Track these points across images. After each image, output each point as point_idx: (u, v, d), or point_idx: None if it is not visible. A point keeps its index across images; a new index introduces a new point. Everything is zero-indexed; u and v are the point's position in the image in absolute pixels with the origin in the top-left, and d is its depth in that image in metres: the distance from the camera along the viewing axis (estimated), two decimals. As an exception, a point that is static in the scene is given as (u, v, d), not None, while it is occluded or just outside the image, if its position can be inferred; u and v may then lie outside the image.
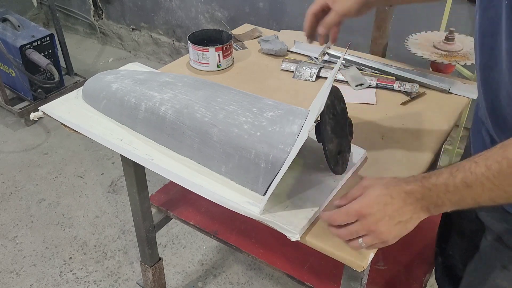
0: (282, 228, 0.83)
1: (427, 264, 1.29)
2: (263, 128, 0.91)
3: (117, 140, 1.05)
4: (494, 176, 0.65)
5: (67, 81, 2.81)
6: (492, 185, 0.66)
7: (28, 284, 1.77)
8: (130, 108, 1.06)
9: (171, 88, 1.05)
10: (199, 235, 1.95)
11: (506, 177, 0.65)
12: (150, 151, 1.02)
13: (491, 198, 0.67)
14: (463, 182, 0.68)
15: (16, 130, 2.64)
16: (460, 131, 1.99)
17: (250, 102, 0.98)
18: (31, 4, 3.58)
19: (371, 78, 1.31)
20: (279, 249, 1.26)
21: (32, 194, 2.19)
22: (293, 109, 0.96)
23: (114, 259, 1.87)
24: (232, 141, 0.92)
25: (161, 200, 1.46)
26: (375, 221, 0.74)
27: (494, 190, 0.66)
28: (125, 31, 3.40)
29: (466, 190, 0.68)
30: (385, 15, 1.42)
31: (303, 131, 0.86)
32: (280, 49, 1.46)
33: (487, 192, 0.67)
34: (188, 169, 0.97)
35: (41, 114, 1.18)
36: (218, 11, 2.83)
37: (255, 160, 0.90)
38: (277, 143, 0.88)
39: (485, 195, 0.67)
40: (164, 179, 1.09)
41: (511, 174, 0.64)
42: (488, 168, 0.66)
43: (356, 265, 0.81)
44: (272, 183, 0.88)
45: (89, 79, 1.20)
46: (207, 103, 0.98)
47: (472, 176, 0.67)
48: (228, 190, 0.92)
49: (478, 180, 0.67)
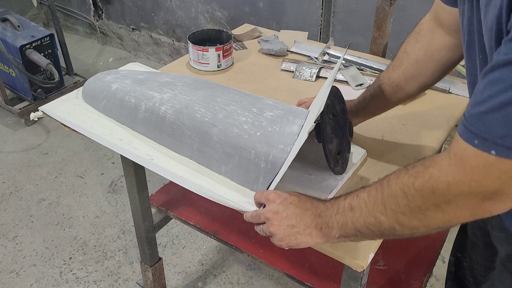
0: None
1: (427, 264, 1.29)
2: (263, 128, 0.91)
3: (117, 140, 1.05)
4: (369, 201, 0.68)
5: (67, 81, 2.81)
6: (367, 210, 0.68)
7: (28, 284, 1.77)
8: (130, 108, 1.06)
9: (171, 88, 1.05)
10: (199, 235, 1.95)
11: (377, 203, 0.67)
12: (150, 151, 1.02)
13: (366, 224, 0.69)
14: (349, 204, 0.71)
15: (16, 130, 2.64)
16: (460, 131, 1.99)
17: (250, 102, 0.98)
18: (31, 4, 3.58)
19: (371, 78, 1.31)
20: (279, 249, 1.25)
21: (32, 194, 2.19)
22: (293, 109, 0.96)
23: (114, 259, 1.87)
24: (232, 141, 0.92)
25: (161, 200, 1.46)
26: (273, 212, 0.77)
27: (367, 215, 0.68)
28: (125, 31, 3.40)
29: (349, 213, 0.70)
30: (385, 15, 1.42)
31: (303, 131, 0.86)
32: (280, 49, 1.46)
33: (363, 217, 0.68)
34: (188, 169, 0.97)
35: (41, 114, 1.17)
36: (218, 11, 2.83)
37: (255, 160, 0.90)
38: (277, 143, 0.88)
39: (361, 220, 0.69)
40: (164, 179, 1.09)
41: (381, 200, 0.66)
42: (368, 193, 0.69)
43: (356, 265, 0.81)
44: (272, 183, 0.88)
45: (89, 79, 1.20)
46: (207, 103, 0.98)
47: (357, 200, 0.70)
48: (228, 190, 0.92)
49: (359, 204, 0.69)
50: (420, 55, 0.92)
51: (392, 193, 0.65)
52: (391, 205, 0.65)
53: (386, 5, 1.40)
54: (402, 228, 0.66)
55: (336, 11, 2.35)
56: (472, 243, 1.05)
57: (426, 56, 0.93)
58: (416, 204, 0.62)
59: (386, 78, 0.99)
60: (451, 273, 1.17)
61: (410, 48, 0.96)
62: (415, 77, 0.94)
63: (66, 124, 1.12)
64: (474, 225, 1.02)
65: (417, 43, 0.95)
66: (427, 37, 0.93)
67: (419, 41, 0.94)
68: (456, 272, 1.15)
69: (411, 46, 0.96)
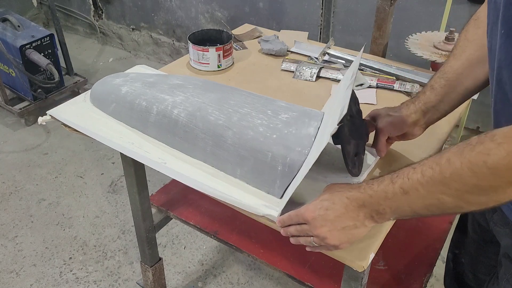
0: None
1: (427, 264, 1.29)
2: (279, 131, 0.90)
3: (128, 143, 1.04)
4: (427, 182, 0.64)
5: (67, 81, 2.81)
6: (425, 191, 0.65)
7: (28, 284, 1.77)
8: (141, 111, 1.05)
9: (182, 91, 1.04)
10: (199, 235, 1.95)
11: (437, 184, 0.63)
12: (162, 154, 1.01)
13: (425, 206, 0.66)
14: (401, 188, 0.68)
15: (16, 130, 2.64)
16: (460, 131, 1.99)
17: (263, 104, 0.97)
18: (31, 4, 3.58)
19: (371, 78, 1.31)
20: (279, 249, 1.26)
21: (32, 194, 2.19)
22: (307, 111, 0.95)
23: (114, 259, 1.87)
24: (247, 143, 0.91)
25: (161, 200, 1.46)
26: (318, 226, 0.75)
27: (427, 197, 0.65)
28: (125, 31, 3.40)
29: (403, 197, 0.68)
30: (385, 15, 1.42)
31: (324, 134, 0.83)
32: (280, 49, 1.46)
33: (421, 199, 0.66)
34: (202, 172, 0.96)
35: (49, 118, 1.15)
36: (218, 11, 2.83)
37: (271, 163, 0.89)
38: (294, 145, 0.88)
39: (419, 202, 0.66)
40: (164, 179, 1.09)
41: (442, 180, 0.63)
42: (423, 174, 0.65)
43: (357, 265, 0.81)
44: (289, 186, 0.87)
45: (97, 82, 1.18)
46: (220, 106, 0.97)
47: (409, 182, 0.67)
48: (243, 193, 0.91)
49: (414, 186, 0.66)
50: (484, 39, 0.84)
51: (457, 172, 0.61)
52: (456, 185, 0.62)
53: (386, 5, 1.40)
54: (468, 205, 0.63)
55: (336, 11, 2.35)
56: (472, 240, 1.04)
57: None
58: (487, 183, 0.59)
59: (448, 67, 0.93)
60: (449, 270, 1.17)
61: (471, 35, 0.91)
62: (481, 62, 0.89)
63: (76, 128, 1.10)
64: (474, 222, 1.01)
65: (478, 29, 0.90)
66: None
67: (480, 27, 0.90)
68: (455, 268, 1.15)
69: (472, 33, 0.91)
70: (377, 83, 1.29)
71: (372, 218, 0.73)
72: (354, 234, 0.75)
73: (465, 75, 0.91)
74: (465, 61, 0.91)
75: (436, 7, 2.01)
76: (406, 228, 1.39)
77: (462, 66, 0.91)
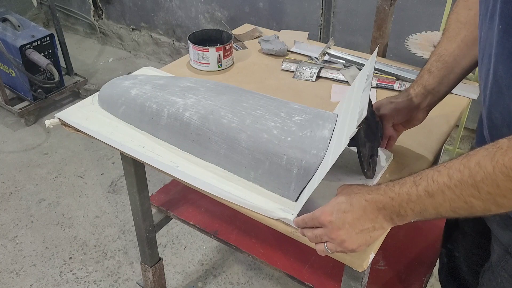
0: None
1: (427, 264, 1.29)
2: (293, 133, 0.89)
3: (139, 147, 1.03)
4: (455, 185, 0.64)
5: (67, 81, 2.81)
6: (453, 195, 0.64)
7: (28, 284, 1.77)
8: (151, 114, 1.04)
9: (194, 93, 1.02)
10: (199, 235, 1.95)
11: (467, 187, 0.63)
12: (174, 157, 1.00)
13: (452, 209, 0.66)
14: (425, 191, 0.67)
15: (16, 130, 2.64)
16: (460, 131, 1.99)
17: (276, 107, 0.96)
18: (31, 4, 3.58)
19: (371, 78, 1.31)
20: (280, 249, 1.26)
21: (32, 194, 2.19)
22: (321, 113, 0.95)
23: (114, 259, 1.87)
24: (262, 146, 0.90)
25: (161, 200, 1.46)
26: (335, 229, 0.74)
27: (455, 200, 0.65)
28: (125, 31, 3.40)
29: (428, 200, 0.67)
30: (385, 15, 1.42)
31: (343, 137, 0.82)
32: (280, 49, 1.46)
33: (448, 202, 0.65)
34: (216, 176, 0.95)
35: (57, 121, 1.14)
36: (218, 11, 2.83)
37: (286, 166, 0.88)
38: (310, 148, 0.87)
39: (446, 205, 0.66)
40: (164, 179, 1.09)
41: (472, 184, 0.62)
42: (450, 177, 0.65)
43: (357, 265, 0.81)
44: (305, 189, 0.86)
45: (105, 85, 1.17)
46: (233, 108, 0.96)
47: (434, 185, 0.66)
48: (258, 196, 0.90)
49: (440, 189, 0.65)
50: (477, 20, 0.83)
51: (489, 176, 0.61)
52: (488, 189, 0.61)
53: (386, 5, 1.40)
54: (498, 208, 0.63)
55: (336, 11, 2.35)
56: (464, 232, 1.05)
57: None
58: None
59: (443, 50, 0.94)
60: (444, 265, 1.17)
61: (464, 17, 0.91)
62: (477, 43, 0.87)
63: (85, 131, 1.09)
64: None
65: (469, 10, 0.91)
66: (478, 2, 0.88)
67: (471, 8, 0.90)
68: (449, 263, 1.15)
69: (464, 15, 0.91)
70: (377, 83, 1.29)
71: (391, 220, 0.73)
72: (372, 236, 0.75)
73: (462, 56, 0.92)
74: (460, 43, 0.92)
75: (436, 7, 2.01)
76: (406, 228, 1.39)
77: (458, 48, 0.92)
